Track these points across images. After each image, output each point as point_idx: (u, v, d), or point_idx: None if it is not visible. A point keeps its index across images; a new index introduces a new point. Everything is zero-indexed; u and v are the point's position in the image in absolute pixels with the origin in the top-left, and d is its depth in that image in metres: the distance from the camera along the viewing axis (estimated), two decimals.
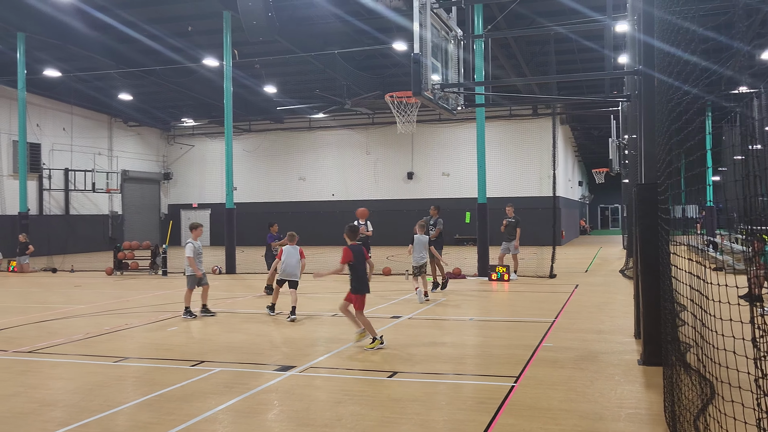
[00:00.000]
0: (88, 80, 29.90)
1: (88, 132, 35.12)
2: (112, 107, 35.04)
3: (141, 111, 36.01)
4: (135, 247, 21.32)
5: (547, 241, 21.18)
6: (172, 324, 11.00)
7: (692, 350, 5.65)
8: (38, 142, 31.56)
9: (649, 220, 7.40)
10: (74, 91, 31.10)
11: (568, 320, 10.73)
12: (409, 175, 36.73)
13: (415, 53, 8.82)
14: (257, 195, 38.70)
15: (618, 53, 19.62)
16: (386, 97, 15.53)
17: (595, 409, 5.86)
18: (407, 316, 11.42)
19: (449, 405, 6.10)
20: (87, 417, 5.83)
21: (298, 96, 33.01)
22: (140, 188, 39.27)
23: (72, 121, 33.51)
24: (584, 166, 59.52)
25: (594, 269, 20.48)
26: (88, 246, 33.71)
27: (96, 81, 30.10)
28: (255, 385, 6.86)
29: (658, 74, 7.16)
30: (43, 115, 32.14)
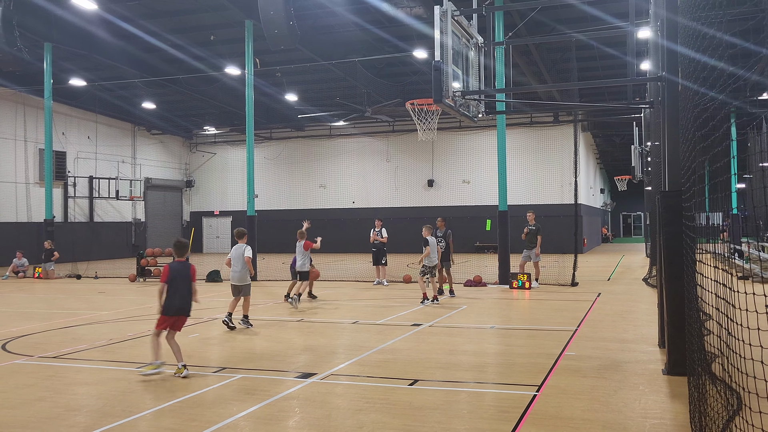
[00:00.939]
0: (113, 89, 30.39)
1: (112, 140, 35.61)
2: (136, 116, 35.52)
3: (164, 119, 36.48)
4: (158, 254, 21.52)
5: (569, 249, 20.99)
6: (193, 331, 11.07)
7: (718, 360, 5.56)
8: (63, 151, 32.06)
9: (673, 228, 7.31)
10: (99, 100, 31.62)
11: (591, 329, 10.62)
12: (430, 183, 36.71)
13: (436, 61, 8.83)
14: (278, 202, 38.92)
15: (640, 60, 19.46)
16: (407, 105, 15.54)
17: (619, 419, 5.78)
18: (428, 324, 11.38)
19: (471, 414, 6.06)
20: (110, 422, 5.88)
21: (318, 104, 33.20)
22: (163, 196, 39.70)
23: (96, 130, 34.03)
24: (606, 173, 59.03)
25: (616, 277, 20.26)
26: (111, 253, 34.11)
27: (120, 90, 30.57)
28: (276, 392, 6.87)
29: (681, 80, 7.10)
30: (69, 123, 32.65)
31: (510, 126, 28.14)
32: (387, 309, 13.40)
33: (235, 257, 10.97)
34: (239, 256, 10.91)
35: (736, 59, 9.71)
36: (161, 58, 26.47)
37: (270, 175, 39.35)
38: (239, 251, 10.96)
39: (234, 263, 10.96)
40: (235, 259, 10.95)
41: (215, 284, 19.76)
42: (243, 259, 10.84)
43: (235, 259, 10.95)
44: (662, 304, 8.07)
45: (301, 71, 27.63)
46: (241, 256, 10.88)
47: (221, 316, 12.62)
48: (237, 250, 11.02)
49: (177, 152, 41.21)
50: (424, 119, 14.74)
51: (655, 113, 11.69)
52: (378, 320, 11.87)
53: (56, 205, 30.47)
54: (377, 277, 18.59)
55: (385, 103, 28.39)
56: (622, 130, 36.81)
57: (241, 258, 10.86)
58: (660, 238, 7.70)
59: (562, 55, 25.71)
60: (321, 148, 39.10)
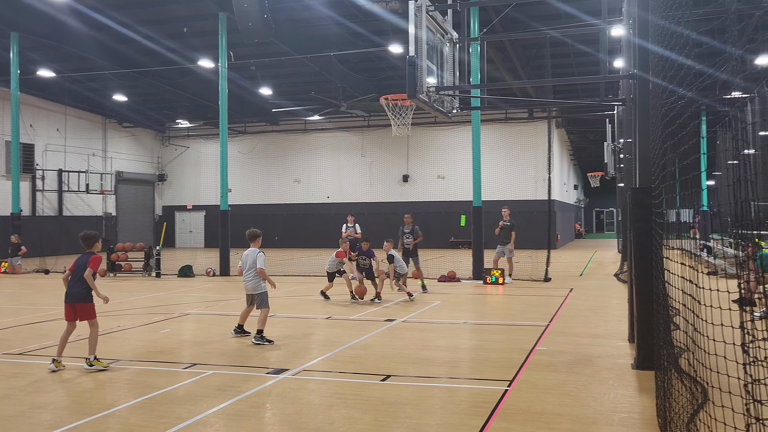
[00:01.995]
0: (83, 81, 29.83)
1: (82, 133, 35.02)
2: (107, 108, 34.96)
3: (136, 112, 35.95)
4: (128, 249, 21.24)
5: (542, 245, 21.17)
6: (164, 326, 10.95)
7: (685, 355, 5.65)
8: (31, 143, 31.44)
9: (643, 224, 7.40)
10: (68, 92, 31.02)
11: (563, 324, 10.72)
12: (405, 178, 36.74)
13: (410, 56, 8.80)
14: (252, 197, 38.64)
15: (613, 57, 19.66)
16: (381, 100, 15.50)
17: (588, 414, 5.84)
18: (401, 319, 11.40)
19: (442, 409, 6.08)
20: (77, 420, 5.79)
21: (293, 98, 32.99)
22: (134, 189, 39.17)
23: (66, 122, 33.43)
24: (579, 169, 59.62)
25: (589, 273, 20.49)
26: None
27: (90, 82, 30.03)
28: (247, 388, 6.82)
29: (653, 78, 7.18)
30: (37, 115, 32.02)
31: (485, 122, 28.26)
32: (360, 305, 13.38)
33: (246, 263, 9.57)
34: (251, 263, 9.52)
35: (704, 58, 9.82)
36: (133, 49, 26.06)
37: (244, 169, 39.04)
38: (251, 257, 9.56)
39: (245, 270, 9.54)
40: (248, 266, 9.54)
41: (187, 279, 19.56)
42: (254, 267, 9.47)
43: (248, 266, 9.54)
44: (632, 299, 8.17)
45: (275, 65, 27.42)
46: (252, 264, 9.49)
47: (193, 312, 12.54)
48: (248, 255, 9.60)
49: (149, 145, 40.68)
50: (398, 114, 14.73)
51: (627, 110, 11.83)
52: (351, 316, 11.86)
53: (24, 198, 29.91)
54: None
55: (361, 98, 28.32)
56: (595, 127, 37.19)
57: (253, 265, 9.47)
58: (630, 234, 7.79)
59: (537, 52, 25.87)
60: (296, 142, 38.89)
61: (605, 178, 34.53)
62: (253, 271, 9.48)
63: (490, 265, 17.54)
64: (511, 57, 24.64)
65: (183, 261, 23.98)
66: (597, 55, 20.68)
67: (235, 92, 30.23)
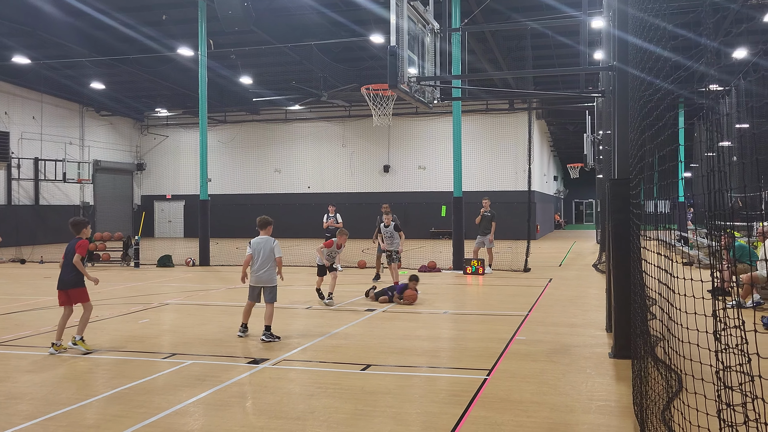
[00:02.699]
0: (59, 68, 29.34)
1: (59, 121, 34.51)
2: (84, 96, 34.45)
3: (114, 100, 35.48)
4: (107, 239, 21.04)
5: (522, 235, 21.32)
6: (143, 316, 10.88)
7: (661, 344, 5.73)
8: (6, 131, 30.95)
9: (621, 215, 7.48)
10: (44, 79, 30.50)
11: (542, 314, 10.83)
12: (385, 168, 36.73)
13: (391, 45, 8.79)
14: (232, 187, 38.42)
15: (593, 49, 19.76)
16: (362, 90, 15.46)
17: (566, 402, 5.92)
18: (381, 309, 11.43)
19: (422, 398, 6.12)
20: (54, 410, 5.74)
21: (274, 87, 32.78)
22: (112, 179, 38.72)
23: (42, 110, 32.91)
24: (559, 161, 60.04)
25: (568, 263, 20.68)
26: (58, 237, 33.12)
27: (67, 69, 29.54)
28: (227, 377, 6.81)
29: (632, 70, 7.23)
30: (12, 102, 31.51)
31: (465, 113, 28.31)
32: (340, 294, 13.39)
33: (260, 252, 8.82)
34: (266, 252, 8.80)
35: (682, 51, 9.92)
36: (111, 36, 25.67)
37: (224, 159, 38.78)
38: (266, 246, 8.84)
39: (259, 260, 8.80)
40: (261, 255, 8.81)
41: (166, 269, 19.43)
42: (271, 256, 8.80)
43: (261, 255, 8.81)
44: (610, 289, 8.26)
45: (256, 54, 27.19)
46: (269, 253, 8.80)
47: (172, 302, 12.46)
48: (262, 244, 8.87)
49: (127, 134, 40.21)
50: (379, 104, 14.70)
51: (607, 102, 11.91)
52: (331, 305, 11.86)
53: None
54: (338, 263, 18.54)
55: (342, 88, 28.20)
56: (575, 118, 37.44)
57: (270, 255, 8.79)
58: (608, 225, 7.87)
59: (518, 43, 25.93)
60: (276, 132, 38.68)
61: (585, 170, 34.82)
62: (270, 262, 8.78)
63: (470, 256, 17.63)
64: (492, 48, 24.68)
65: (162, 251, 23.80)
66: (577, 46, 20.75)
67: (214, 81, 29.97)
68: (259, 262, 8.81)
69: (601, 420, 5.41)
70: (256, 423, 5.44)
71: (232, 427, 5.30)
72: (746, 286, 10.61)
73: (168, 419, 5.50)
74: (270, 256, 8.82)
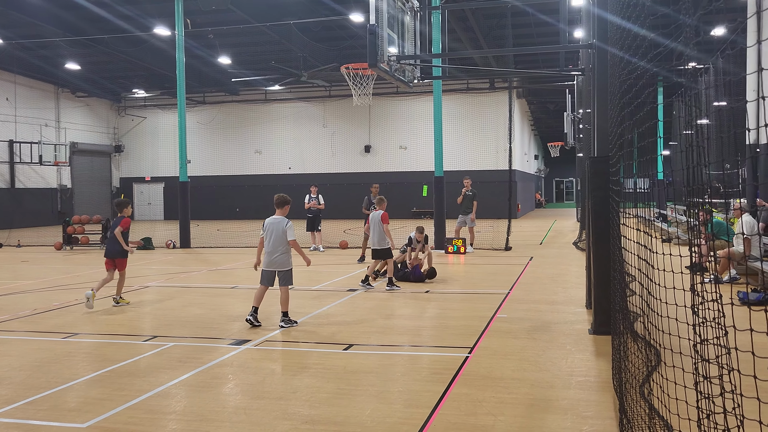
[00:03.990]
0: (33, 48, 28.72)
1: (34, 102, 33.89)
2: (59, 77, 33.82)
3: (90, 81, 34.88)
4: (85, 222, 20.79)
5: (503, 214, 21.43)
6: (124, 299, 10.79)
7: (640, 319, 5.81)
8: None
9: (601, 193, 7.53)
10: (17, 60, 29.86)
11: (523, 292, 10.92)
12: (367, 149, 36.62)
13: (371, 24, 8.72)
14: (212, 168, 38.09)
15: (573, 28, 19.77)
16: (342, 69, 15.33)
17: (546, 378, 5.98)
18: (363, 289, 11.44)
19: (404, 376, 6.16)
20: (35, 394, 5.70)
21: (253, 67, 32.42)
22: (90, 161, 38.20)
23: (15, 91, 32.27)
24: (540, 139, 60.28)
25: (548, 242, 20.84)
26: (35, 220, 32.77)
27: (41, 49, 28.94)
28: (209, 359, 6.80)
29: (611, 48, 7.24)
30: None
31: (446, 92, 28.25)
32: (322, 275, 13.40)
33: (271, 233, 8.36)
34: (277, 233, 8.32)
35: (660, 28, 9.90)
36: (85, 16, 25.15)
37: (203, 140, 38.40)
38: (278, 226, 8.36)
39: (270, 242, 8.33)
40: (273, 237, 8.33)
41: (147, 251, 19.28)
42: (283, 239, 8.32)
43: (273, 237, 8.33)
44: (590, 266, 8.34)
45: (234, 33, 26.84)
46: (281, 235, 8.31)
47: (153, 284, 12.39)
48: (275, 224, 8.39)
49: (104, 116, 39.62)
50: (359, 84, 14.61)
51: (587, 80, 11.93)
52: (314, 286, 11.87)
53: None
54: (313, 243, 18.56)
55: (322, 68, 27.96)
56: (555, 97, 37.54)
57: (281, 236, 8.31)
58: (588, 202, 7.92)
59: (498, 22, 25.85)
60: (256, 112, 38.34)
61: (565, 148, 35.02)
62: (281, 244, 8.31)
63: (452, 235, 17.69)
64: (472, 27, 24.59)
65: (142, 233, 23.60)
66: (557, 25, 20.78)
67: (193, 61, 29.57)
68: (271, 244, 8.33)
69: (581, 395, 5.48)
70: (238, 403, 5.44)
71: (214, 408, 5.30)
72: (723, 261, 10.77)
73: (150, 401, 5.48)
74: (282, 238, 8.29)
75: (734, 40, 21.44)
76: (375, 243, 11.49)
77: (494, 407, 5.19)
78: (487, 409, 5.15)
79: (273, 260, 8.37)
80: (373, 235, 11.53)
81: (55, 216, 33.89)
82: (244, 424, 4.91)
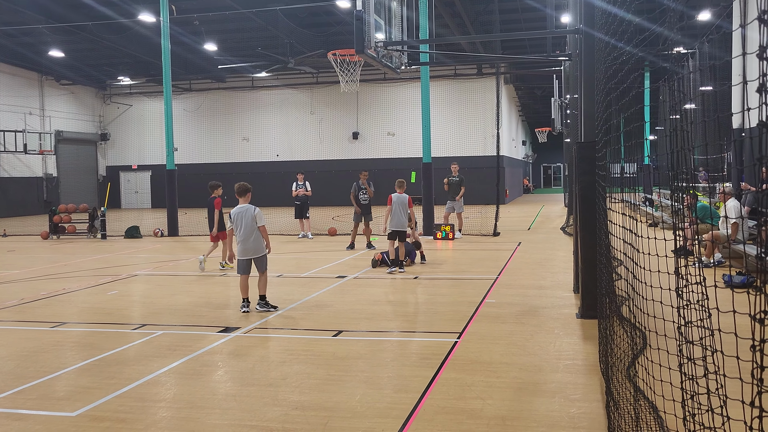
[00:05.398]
0: (15, 35, 28.31)
1: (17, 90, 33.47)
2: (43, 65, 33.39)
3: (74, 69, 34.46)
4: (72, 210, 20.63)
5: (492, 200, 21.48)
6: (112, 288, 10.76)
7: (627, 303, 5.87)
8: None
9: (588, 178, 7.57)
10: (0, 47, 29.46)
11: (511, 277, 10.98)
12: (354, 135, 36.52)
13: (357, 10, 8.68)
14: (199, 156, 37.86)
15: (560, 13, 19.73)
16: (329, 55, 15.23)
17: (534, 362, 6.04)
18: (352, 276, 11.47)
19: (394, 361, 6.19)
20: (23, 383, 5.68)
21: (239, 54, 32.16)
22: (76, 149, 37.83)
23: None
24: (527, 125, 60.34)
25: (536, 227, 20.94)
26: (21, 210, 32.49)
27: (23, 36, 28.54)
28: (198, 347, 6.80)
29: (598, 33, 7.25)
30: None
31: (434, 78, 28.17)
32: (311, 262, 13.41)
33: (240, 222, 8.44)
34: (247, 221, 8.41)
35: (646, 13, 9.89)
36: (68, 3, 24.82)
37: (190, 127, 38.13)
38: (246, 214, 8.44)
39: (241, 231, 8.45)
40: (243, 225, 8.43)
41: (134, 240, 19.19)
42: (253, 225, 8.43)
43: (243, 225, 8.43)
44: (577, 251, 8.40)
45: (220, 20, 26.58)
46: (251, 222, 8.41)
47: (141, 273, 12.35)
48: (242, 213, 8.46)
49: (89, 104, 39.22)
50: (346, 70, 14.53)
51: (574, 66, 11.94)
52: (302, 273, 11.87)
53: None
54: (302, 230, 18.55)
55: (308, 54, 27.81)
56: (543, 83, 37.57)
57: (251, 223, 8.41)
58: (575, 187, 7.96)
59: (485, 7, 25.78)
60: (243, 100, 38.09)
61: (552, 134, 35.07)
62: (253, 231, 8.42)
63: (440, 221, 17.73)
64: (459, 12, 24.49)
65: (129, 222, 23.49)
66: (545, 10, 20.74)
67: (178, 48, 29.27)
68: (243, 233, 8.43)
69: (569, 378, 5.54)
70: (228, 390, 5.46)
71: (204, 395, 5.31)
72: (709, 244, 10.88)
73: (140, 389, 5.49)
74: (252, 225, 8.41)
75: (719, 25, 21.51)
76: (397, 224, 11.70)
77: (483, 391, 5.23)
78: (476, 393, 5.20)
79: (247, 248, 8.51)
80: (395, 217, 11.71)
81: (41, 205, 33.61)
82: (235, 411, 4.93)
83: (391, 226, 11.77)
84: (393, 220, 11.77)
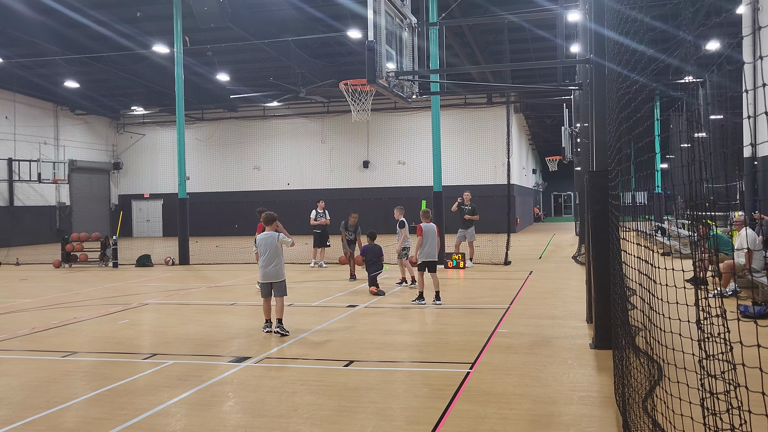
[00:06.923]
0: (32, 66, 28.83)
1: (33, 120, 33.94)
2: (58, 95, 33.91)
3: (89, 99, 34.96)
4: (84, 239, 20.75)
5: (502, 229, 21.42)
6: (123, 317, 10.75)
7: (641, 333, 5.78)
8: None
9: (600, 207, 7.53)
10: (17, 78, 29.96)
11: (523, 306, 10.88)
12: (365, 164, 36.66)
13: (369, 41, 8.75)
14: (211, 185, 38.09)
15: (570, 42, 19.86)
16: (340, 85, 15.39)
17: (548, 393, 5.95)
18: (363, 304, 11.41)
19: (406, 393, 6.12)
20: (33, 414, 5.65)
21: (251, 84, 32.53)
22: (89, 178, 38.19)
23: (15, 109, 32.35)
24: (538, 154, 60.39)
25: (547, 256, 20.81)
26: (34, 238, 32.70)
27: (40, 68, 29.05)
28: (209, 377, 6.75)
29: (608, 63, 7.27)
30: None
31: (444, 107, 28.34)
32: (323, 291, 13.36)
33: (266, 248, 8.94)
34: (273, 247, 8.92)
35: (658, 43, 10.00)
36: (85, 34, 25.29)
37: (202, 156, 38.44)
38: (272, 242, 8.94)
39: (266, 257, 8.93)
40: (269, 251, 8.92)
41: (145, 269, 19.23)
42: (277, 251, 8.93)
43: (269, 251, 8.92)
44: (590, 280, 8.32)
45: (232, 50, 26.95)
46: (274, 247, 8.92)
47: (152, 302, 12.35)
48: (267, 239, 8.97)
49: (103, 133, 39.68)
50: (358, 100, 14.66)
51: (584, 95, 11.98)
52: (313, 302, 11.83)
53: None
54: (314, 258, 18.52)
55: (320, 84, 28.07)
56: (553, 111, 37.63)
57: (276, 249, 8.93)
58: (587, 216, 7.92)
59: (495, 37, 26.00)
60: (255, 129, 38.43)
61: (563, 162, 35.05)
62: (275, 257, 8.93)
63: (451, 250, 17.67)
64: (469, 42, 24.71)
65: (141, 250, 23.57)
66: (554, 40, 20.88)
67: (191, 78, 29.69)
68: (266, 258, 8.97)
69: (584, 410, 5.44)
70: (239, 422, 5.40)
71: (215, 427, 5.25)
72: (726, 275, 10.75)
73: (150, 420, 5.44)
74: (276, 250, 8.97)
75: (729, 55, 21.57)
76: (428, 255, 11.51)
77: (496, 423, 5.15)
78: (489, 425, 5.11)
79: (267, 272, 9.03)
80: (426, 248, 11.55)
81: (54, 234, 33.84)
82: None
83: (422, 257, 11.60)
84: (424, 250, 11.60)
